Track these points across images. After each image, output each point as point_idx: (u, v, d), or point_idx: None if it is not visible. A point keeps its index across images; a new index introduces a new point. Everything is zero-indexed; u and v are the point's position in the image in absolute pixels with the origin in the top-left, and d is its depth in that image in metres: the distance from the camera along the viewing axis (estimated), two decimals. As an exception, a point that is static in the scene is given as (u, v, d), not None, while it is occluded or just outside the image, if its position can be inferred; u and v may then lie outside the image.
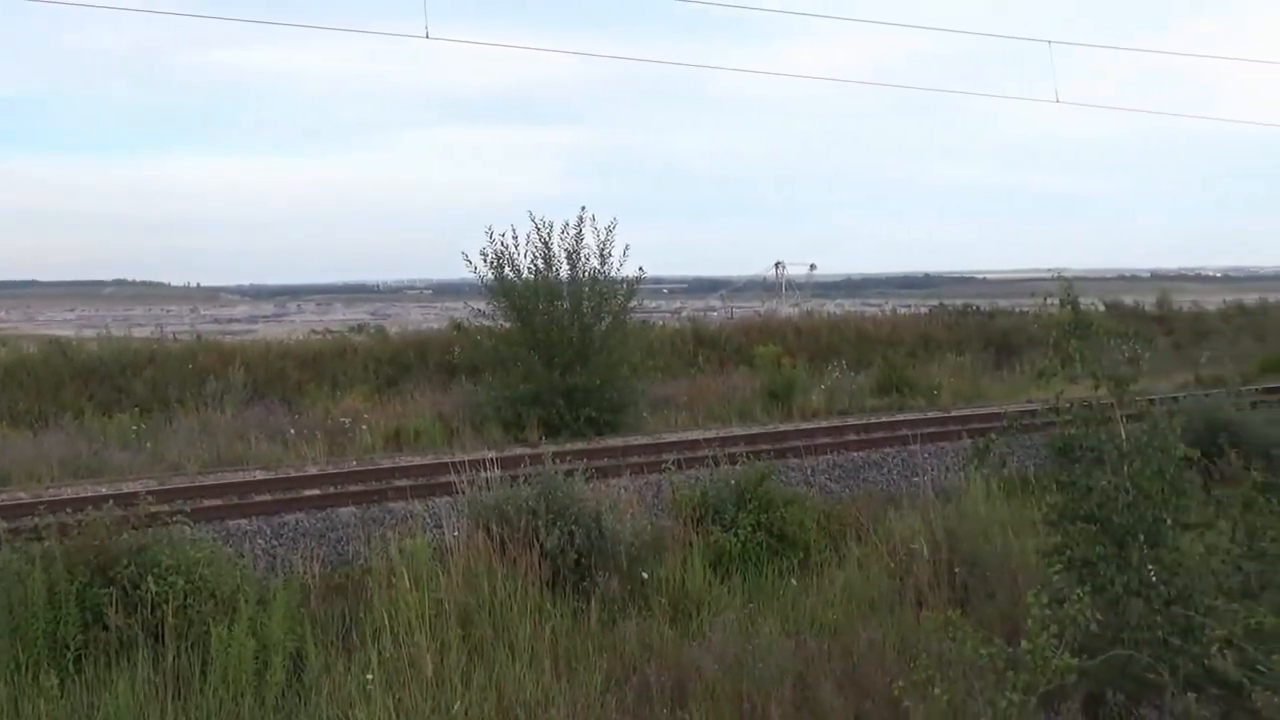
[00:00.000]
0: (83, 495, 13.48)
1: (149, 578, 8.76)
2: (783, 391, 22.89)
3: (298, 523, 13.13)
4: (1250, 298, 46.31)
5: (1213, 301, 46.63)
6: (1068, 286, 8.24)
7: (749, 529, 11.66)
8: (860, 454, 17.40)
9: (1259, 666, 6.73)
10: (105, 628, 8.47)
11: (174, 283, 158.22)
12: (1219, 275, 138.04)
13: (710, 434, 18.56)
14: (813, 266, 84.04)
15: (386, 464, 16.52)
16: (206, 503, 13.74)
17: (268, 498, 14.22)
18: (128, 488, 14.13)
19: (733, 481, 12.32)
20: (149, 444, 18.39)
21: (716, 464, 13.66)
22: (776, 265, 79.03)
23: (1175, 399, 16.77)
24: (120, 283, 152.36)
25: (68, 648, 8.39)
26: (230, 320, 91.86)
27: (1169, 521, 7.51)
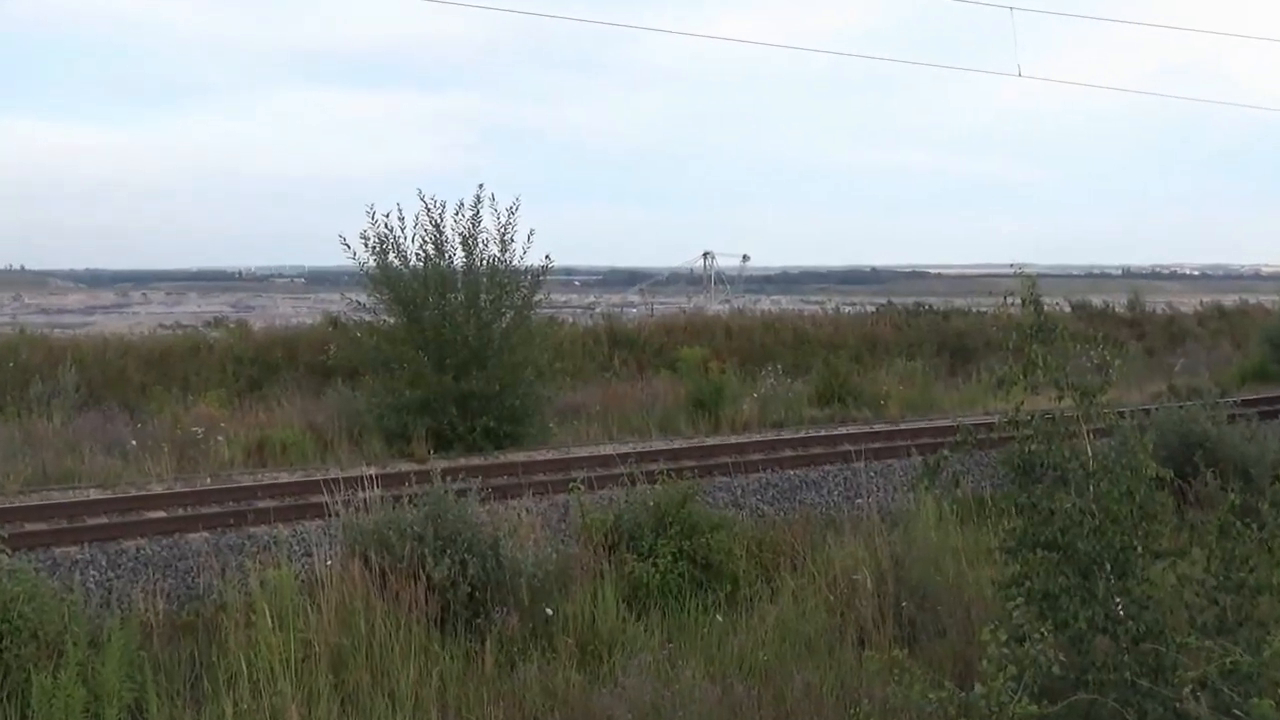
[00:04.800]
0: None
1: (-45, 617, 8.49)
2: (710, 400, 23.00)
3: (139, 550, 12.83)
4: (1229, 299, 47.83)
5: (1189, 303, 48.08)
6: (1030, 284, 8.40)
7: (669, 558, 11.69)
8: (797, 472, 17.56)
9: (1235, 710, 6.93)
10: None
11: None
12: (1196, 274, 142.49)
13: (626, 448, 18.57)
14: (745, 258, 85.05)
15: (247, 482, 16.23)
16: (28, 527, 13.34)
17: (103, 521, 13.88)
18: (-68, 509, 13.67)
19: (651, 503, 12.34)
20: (-43, 458, 17.82)
21: (633, 483, 13.68)
22: (704, 256, 79.74)
23: (1147, 412, 17.23)
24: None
25: None
26: (61, 311, 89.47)
27: (1139, 549, 7.69)
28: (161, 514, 14.32)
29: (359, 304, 21.36)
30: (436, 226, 20.40)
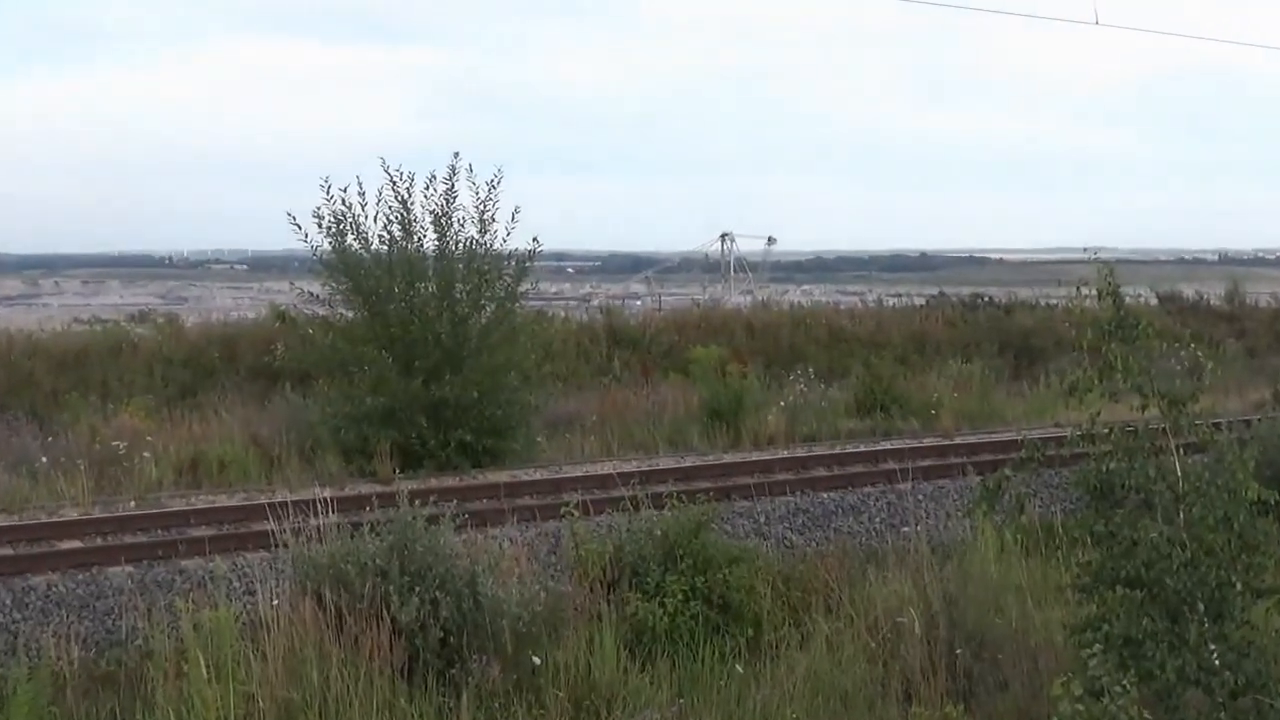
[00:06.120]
0: None
1: None
2: (728, 409, 23.01)
3: (50, 587, 12.86)
4: (1346, 290, 47.72)
5: (1298, 294, 47.95)
6: (1107, 272, 8.41)
7: (680, 597, 11.69)
8: (832, 495, 17.59)
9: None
10: None
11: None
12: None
13: (629, 466, 18.59)
14: (771, 240, 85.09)
15: (178, 506, 16.28)
16: (-80, 560, 13.39)
17: (8, 553, 13.91)
18: None
19: (658, 532, 12.35)
20: None
21: (636, 507, 13.68)
22: (722, 238, 79.83)
23: (1248, 423, 17.21)
24: None
25: None
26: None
27: (1237, 587, 7.69)
28: (77, 544, 14.33)
29: (311, 295, 21.36)
30: (403, 203, 20.38)
